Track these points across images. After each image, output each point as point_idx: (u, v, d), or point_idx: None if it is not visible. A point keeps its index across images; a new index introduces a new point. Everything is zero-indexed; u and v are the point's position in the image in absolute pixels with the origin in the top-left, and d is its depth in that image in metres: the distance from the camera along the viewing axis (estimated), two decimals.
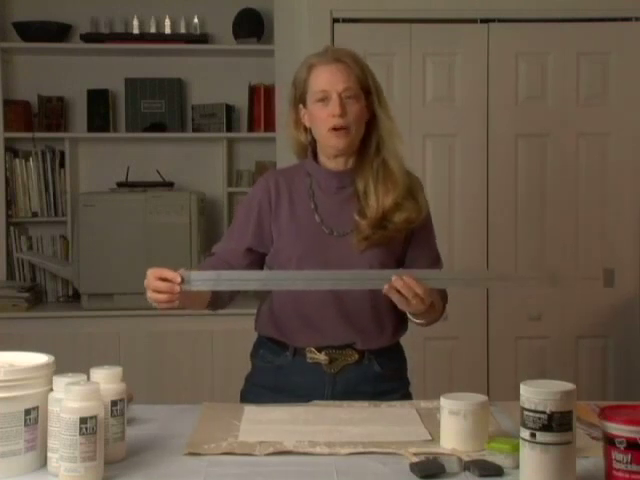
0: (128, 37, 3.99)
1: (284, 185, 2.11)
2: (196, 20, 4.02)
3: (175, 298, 1.84)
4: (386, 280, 1.83)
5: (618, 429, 1.35)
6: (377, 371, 2.07)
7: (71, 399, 1.40)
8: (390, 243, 2.05)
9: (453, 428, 1.57)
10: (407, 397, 2.10)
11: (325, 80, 2.03)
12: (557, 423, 1.35)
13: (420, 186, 2.12)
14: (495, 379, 3.70)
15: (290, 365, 2.07)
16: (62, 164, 3.97)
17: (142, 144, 4.07)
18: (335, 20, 3.70)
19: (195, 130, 4.08)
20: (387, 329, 2.08)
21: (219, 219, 4.06)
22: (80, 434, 1.39)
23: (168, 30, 4.00)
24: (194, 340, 3.63)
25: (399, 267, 2.03)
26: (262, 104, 3.99)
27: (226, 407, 1.89)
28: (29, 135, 3.93)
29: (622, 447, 1.34)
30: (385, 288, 1.83)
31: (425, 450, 1.55)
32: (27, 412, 1.46)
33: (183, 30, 4.01)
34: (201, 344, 3.63)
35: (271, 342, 2.11)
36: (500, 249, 3.73)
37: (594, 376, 3.76)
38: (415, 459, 1.49)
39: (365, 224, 2.02)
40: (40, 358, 1.55)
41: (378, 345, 2.07)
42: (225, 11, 4.03)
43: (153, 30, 4.00)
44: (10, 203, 3.94)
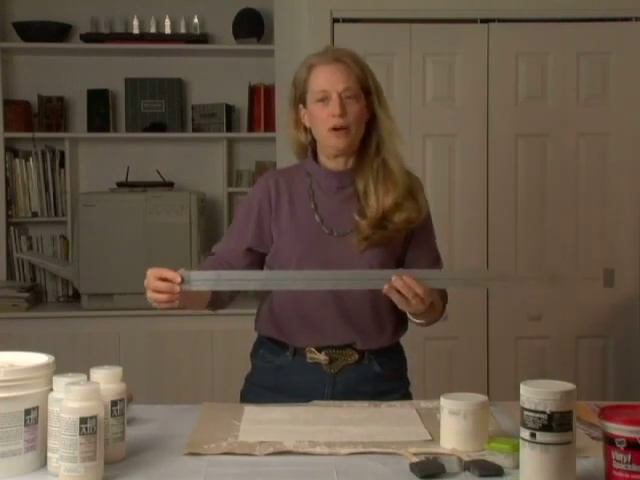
0: (128, 37, 3.99)
1: (284, 185, 2.11)
2: (196, 20, 4.02)
3: (175, 298, 1.84)
4: (386, 280, 1.83)
5: (618, 429, 1.35)
6: (377, 371, 2.07)
7: (71, 399, 1.40)
8: (390, 243, 2.05)
9: (453, 428, 1.57)
10: (407, 397, 2.10)
11: (325, 80, 2.03)
12: (557, 423, 1.35)
13: (420, 186, 2.12)
14: (495, 379, 3.70)
15: (290, 365, 2.07)
16: (62, 164, 3.97)
17: (142, 144, 4.07)
18: (335, 20, 3.70)
19: (195, 130, 4.08)
20: (387, 329, 2.08)
21: (219, 219, 4.06)
22: (80, 434, 1.39)
23: (168, 30, 4.00)
24: (194, 340, 3.62)
25: (399, 267, 2.03)
26: (262, 104, 3.99)
27: (226, 407, 1.89)
28: (29, 135, 3.93)
29: (622, 447, 1.34)
30: (385, 288, 1.83)
31: (425, 450, 1.55)
32: (27, 412, 1.46)
33: (183, 30, 4.01)
34: (201, 344, 3.63)
35: (271, 342, 2.11)
36: (500, 249, 3.73)
37: (594, 376, 3.75)
38: (415, 459, 1.49)
39: (365, 224, 2.02)
40: (40, 358, 1.55)
41: (378, 345, 2.07)
42: (225, 11, 4.03)
43: (153, 30, 4.00)
44: (10, 203, 3.94)
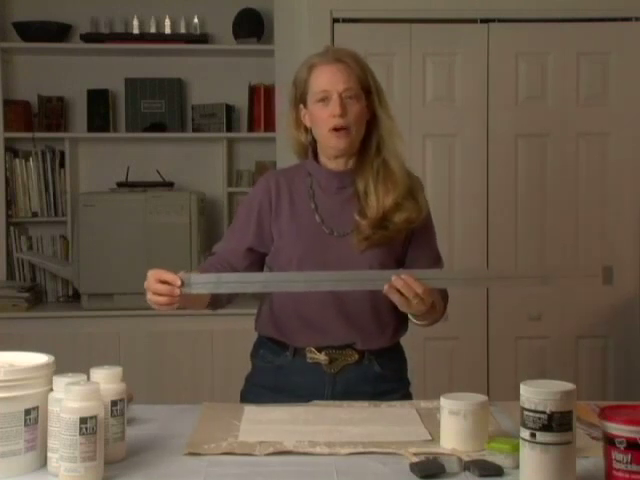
0: (128, 37, 3.99)
1: (284, 185, 2.11)
2: (196, 20, 4.02)
3: (175, 301, 1.84)
4: (386, 280, 1.82)
5: (618, 429, 1.35)
6: (377, 371, 2.07)
7: (71, 399, 1.40)
8: (390, 243, 2.05)
9: (453, 428, 1.57)
10: (407, 397, 2.09)
11: (326, 80, 2.03)
12: (557, 423, 1.35)
13: (420, 186, 2.12)
14: (495, 379, 3.70)
15: (290, 365, 2.07)
16: (62, 164, 3.97)
17: (142, 144, 4.07)
18: (335, 20, 3.70)
19: (195, 130, 4.08)
20: (387, 329, 2.08)
21: (219, 219, 4.06)
22: (80, 434, 1.39)
23: (168, 30, 4.00)
24: (194, 340, 3.62)
25: (399, 267, 2.03)
26: (262, 104, 4.00)
27: (226, 407, 1.89)
28: (29, 135, 3.93)
29: (622, 447, 1.34)
30: (385, 288, 1.83)
31: (425, 450, 1.55)
32: (27, 412, 1.46)
33: (183, 30, 4.01)
34: (201, 344, 3.63)
35: (271, 342, 2.11)
36: (500, 249, 3.73)
37: (594, 376, 3.75)
38: (415, 459, 1.49)
39: (365, 224, 2.02)
40: (40, 358, 1.55)
41: (378, 345, 2.07)
42: (225, 11, 4.03)
43: (153, 30, 4.00)
44: (10, 203, 3.94)
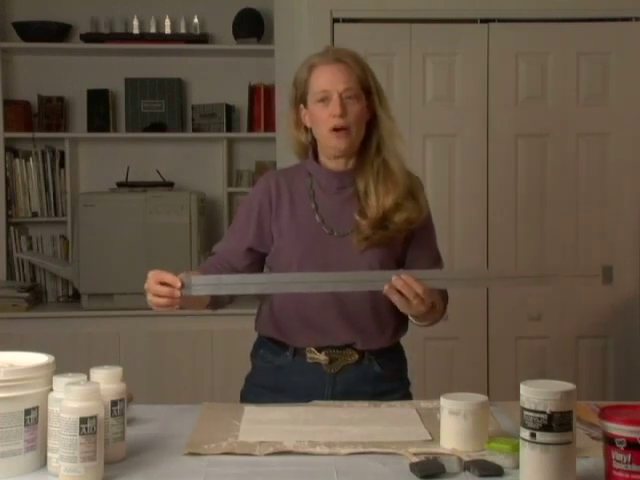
0: (128, 37, 3.99)
1: (285, 185, 2.11)
2: (196, 20, 4.02)
3: (175, 303, 1.84)
4: (386, 281, 1.82)
5: (618, 429, 1.35)
6: (377, 371, 2.07)
7: (71, 399, 1.40)
8: (390, 243, 2.05)
9: (453, 428, 1.57)
10: (407, 397, 2.09)
11: (326, 80, 2.03)
12: (557, 423, 1.35)
13: (420, 186, 2.12)
14: (495, 379, 3.70)
15: (290, 365, 2.07)
16: (62, 164, 3.97)
17: (142, 144, 4.07)
18: (335, 20, 3.70)
19: (195, 130, 4.08)
20: (387, 329, 2.08)
21: (219, 219, 4.06)
22: (80, 434, 1.39)
23: (168, 30, 4.00)
24: (194, 340, 3.62)
25: (399, 267, 2.03)
26: (262, 104, 4.00)
27: (226, 407, 1.89)
28: (29, 135, 3.93)
29: (622, 447, 1.34)
30: (385, 289, 1.83)
31: (425, 450, 1.55)
32: (27, 412, 1.46)
33: (183, 30, 4.01)
34: (201, 344, 3.63)
35: (271, 342, 2.11)
36: (500, 249, 3.73)
37: (594, 376, 3.75)
38: (415, 459, 1.49)
39: (365, 224, 2.02)
40: (40, 358, 1.55)
41: (378, 345, 2.07)
42: (225, 11, 4.03)
43: (153, 30, 4.00)
44: (10, 203, 3.94)
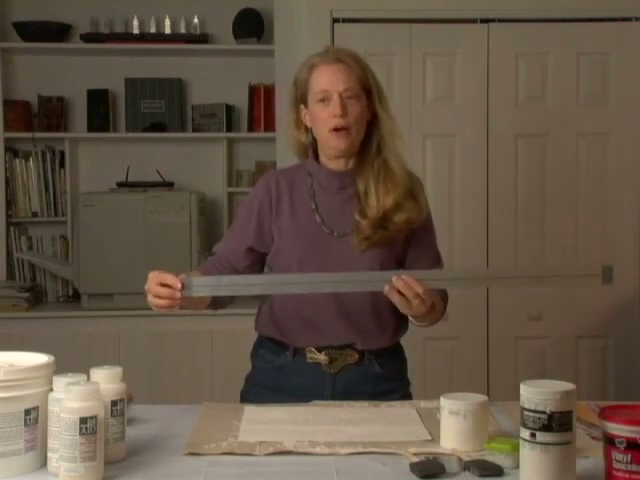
0: (128, 37, 3.99)
1: (285, 185, 2.11)
2: (196, 20, 4.02)
3: (175, 304, 1.84)
4: (386, 281, 1.82)
5: (618, 429, 1.35)
6: (377, 371, 2.07)
7: (71, 399, 1.40)
8: (391, 243, 2.05)
9: (453, 428, 1.57)
10: (407, 397, 2.09)
11: (326, 80, 2.03)
12: (557, 423, 1.35)
13: (421, 186, 2.12)
14: (495, 379, 3.70)
15: (290, 365, 2.07)
16: (62, 164, 3.97)
17: (142, 144, 4.07)
18: (335, 20, 3.70)
19: (195, 130, 4.08)
20: (387, 329, 2.08)
21: (219, 219, 4.06)
22: (80, 434, 1.39)
23: (168, 30, 4.00)
24: (194, 340, 3.62)
25: (399, 267, 2.03)
26: (262, 104, 4.00)
27: (226, 407, 1.89)
28: (29, 135, 3.93)
29: (622, 447, 1.34)
30: (386, 289, 1.83)
31: (425, 450, 1.55)
32: (27, 412, 1.46)
33: (183, 30, 4.01)
34: (201, 344, 3.63)
35: (271, 342, 2.11)
36: (500, 249, 3.73)
37: (594, 376, 3.75)
38: (415, 459, 1.49)
39: (366, 224, 2.02)
40: (40, 358, 1.55)
41: (378, 345, 2.07)
42: (225, 11, 4.03)
43: (153, 30, 4.00)
44: (10, 203, 3.93)
